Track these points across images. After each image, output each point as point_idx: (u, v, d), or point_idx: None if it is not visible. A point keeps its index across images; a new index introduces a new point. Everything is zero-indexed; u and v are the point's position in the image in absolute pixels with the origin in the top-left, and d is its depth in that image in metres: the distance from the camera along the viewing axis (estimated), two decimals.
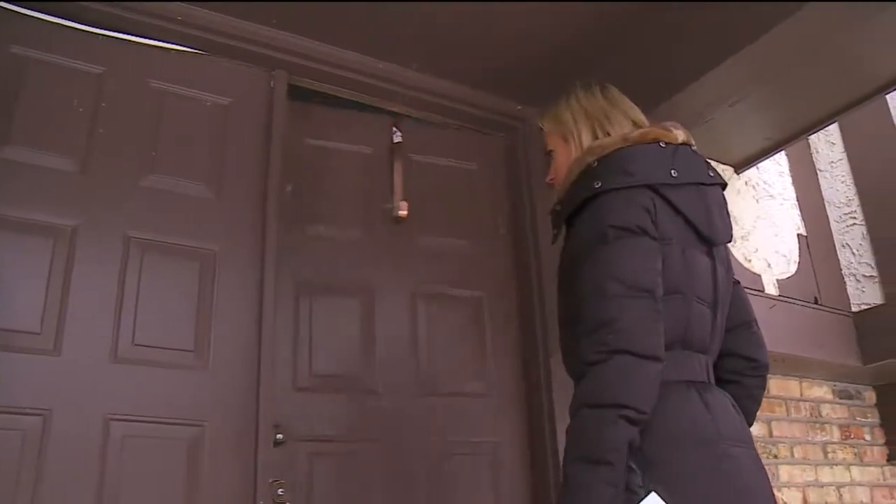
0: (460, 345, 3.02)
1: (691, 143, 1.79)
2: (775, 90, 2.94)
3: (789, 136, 3.31)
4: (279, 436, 2.48)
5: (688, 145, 1.77)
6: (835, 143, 4.09)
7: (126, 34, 2.60)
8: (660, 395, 1.47)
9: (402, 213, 3.01)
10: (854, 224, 3.90)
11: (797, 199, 3.80)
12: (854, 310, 3.71)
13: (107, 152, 2.42)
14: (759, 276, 3.36)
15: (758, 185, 3.61)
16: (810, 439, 3.62)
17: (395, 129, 3.18)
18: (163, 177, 2.49)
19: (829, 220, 3.94)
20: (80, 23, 2.52)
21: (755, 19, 2.47)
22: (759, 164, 3.54)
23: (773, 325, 3.23)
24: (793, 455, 3.51)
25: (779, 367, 3.48)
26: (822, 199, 3.98)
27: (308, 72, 2.91)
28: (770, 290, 3.37)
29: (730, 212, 3.25)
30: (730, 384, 1.75)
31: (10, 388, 2.04)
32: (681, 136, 1.76)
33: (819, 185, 4.01)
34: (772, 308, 3.29)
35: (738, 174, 3.51)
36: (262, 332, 2.45)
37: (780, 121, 3.23)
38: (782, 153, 3.70)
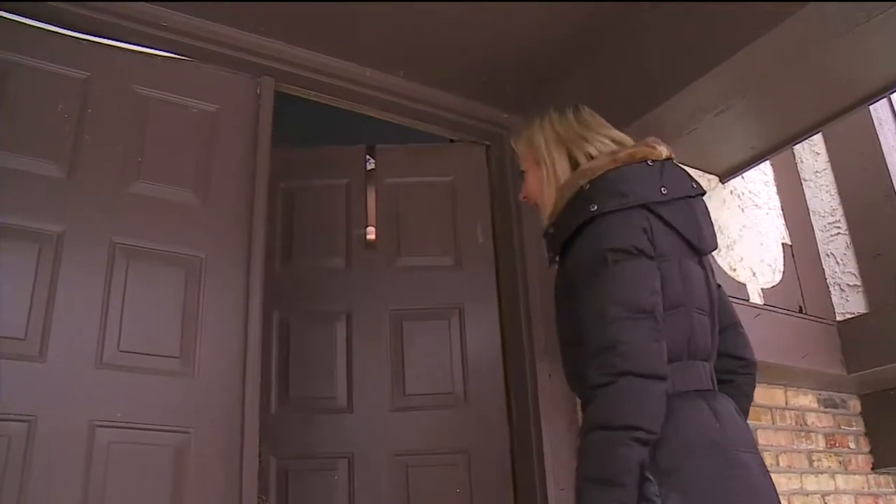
0: (440, 357, 3.05)
1: (672, 157, 1.83)
2: (760, 100, 2.95)
3: (774, 146, 3.33)
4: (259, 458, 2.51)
5: (670, 160, 1.81)
6: (819, 152, 4.12)
7: (112, 40, 2.59)
8: (670, 405, 1.52)
9: (371, 238, 3.15)
10: (838, 233, 3.92)
11: (782, 209, 3.82)
12: (838, 319, 3.73)
13: (92, 158, 2.41)
14: (744, 284, 3.37)
15: (743, 194, 3.63)
16: (795, 447, 3.63)
17: (368, 156, 3.30)
18: (149, 183, 2.48)
19: (813, 229, 3.96)
20: (65, 28, 2.51)
21: (739, 30, 2.49)
22: (744, 174, 3.56)
23: (757, 333, 3.22)
24: (778, 463, 3.52)
25: (764, 375, 3.49)
26: (807, 209, 4.00)
27: (295, 79, 2.92)
28: (755, 298, 3.39)
29: (714, 221, 3.29)
30: (724, 384, 1.79)
31: None
32: (664, 151, 1.80)
33: (804, 195, 4.03)
34: (756, 317, 3.30)
35: (723, 183, 3.52)
36: (248, 339, 2.44)
37: (765, 131, 3.25)
38: (767, 163, 3.72)
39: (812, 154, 4.12)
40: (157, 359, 2.32)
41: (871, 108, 3.60)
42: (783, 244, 3.70)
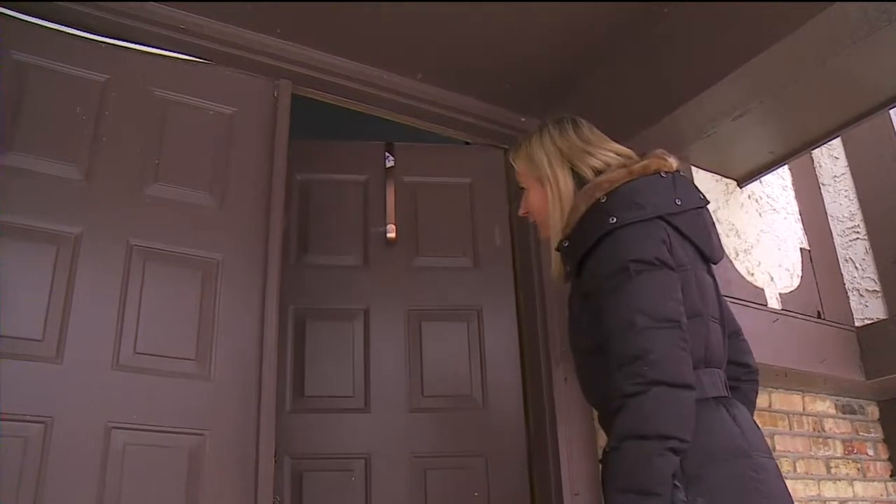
0: (458, 358, 3.04)
1: (680, 169, 1.84)
2: (778, 104, 2.94)
3: (792, 151, 3.31)
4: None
5: (679, 171, 1.83)
6: (838, 157, 4.09)
7: (130, 42, 2.61)
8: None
9: (391, 236, 3.10)
10: (857, 238, 3.90)
11: (800, 213, 3.80)
12: (857, 325, 3.70)
13: (110, 160, 2.42)
14: (762, 289, 3.35)
15: (761, 198, 3.60)
16: (813, 454, 3.60)
17: (387, 154, 3.25)
18: (166, 185, 2.49)
19: (832, 234, 3.93)
20: (83, 30, 2.53)
21: (757, 33, 2.48)
22: (762, 178, 3.54)
23: (775, 339, 3.23)
24: (796, 470, 3.49)
25: (781, 381, 3.47)
26: (826, 214, 3.97)
27: (312, 82, 2.92)
28: (773, 304, 3.36)
29: (732, 225, 3.28)
30: (730, 391, 1.79)
31: (12, 395, 2.04)
32: (674, 163, 1.82)
33: (822, 200, 4.00)
34: (774, 322, 3.28)
35: (741, 188, 3.51)
36: (265, 342, 2.45)
37: (784, 135, 3.23)
38: (785, 167, 3.70)
39: (831, 158, 4.09)
40: (173, 361, 2.32)
41: (891, 112, 3.57)
42: (801, 249, 3.67)
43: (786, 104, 2.94)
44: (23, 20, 2.43)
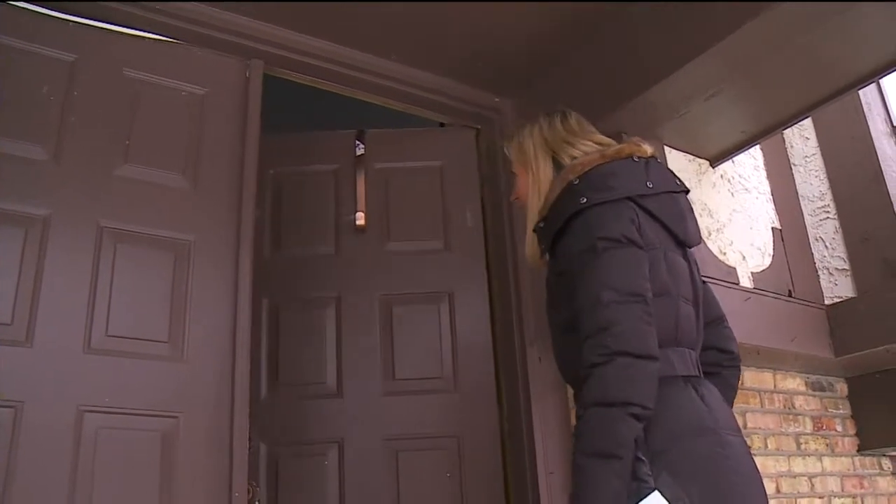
0: (430, 341, 3.06)
1: (656, 155, 1.93)
2: (750, 84, 2.95)
3: (764, 131, 3.33)
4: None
5: (654, 157, 1.91)
6: (809, 137, 4.12)
7: (99, 22, 2.56)
8: (660, 390, 1.59)
9: (360, 223, 3.14)
10: (827, 218, 3.93)
11: (772, 193, 3.82)
12: (827, 303, 3.74)
13: (80, 141, 2.39)
14: (734, 268, 3.37)
15: (733, 178, 3.62)
16: (784, 430, 3.65)
17: (358, 142, 3.27)
18: (137, 166, 2.46)
19: (802, 213, 3.96)
20: (52, 9, 2.48)
21: (729, 13, 2.48)
22: (734, 158, 3.56)
23: (747, 317, 3.25)
24: (766, 446, 3.54)
25: (753, 359, 3.50)
26: (797, 193, 4.00)
27: (284, 62, 2.90)
28: (745, 282, 3.39)
29: (705, 205, 3.29)
30: (710, 376, 1.86)
31: None
32: (649, 149, 1.91)
33: (793, 180, 4.03)
34: (746, 300, 3.31)
35: (713, 168, 3.52)
36: (238, 323, 2.43)
37: (756, 115, 3.24)
38: (757, 147, 3.72)
39: (802, 139, 4.12)
40: (145, 343, 2.30)
41: (860, 92, 3.59)
42: (773, 228, 3.71)
43: (757, 84, 2.95)
44: None
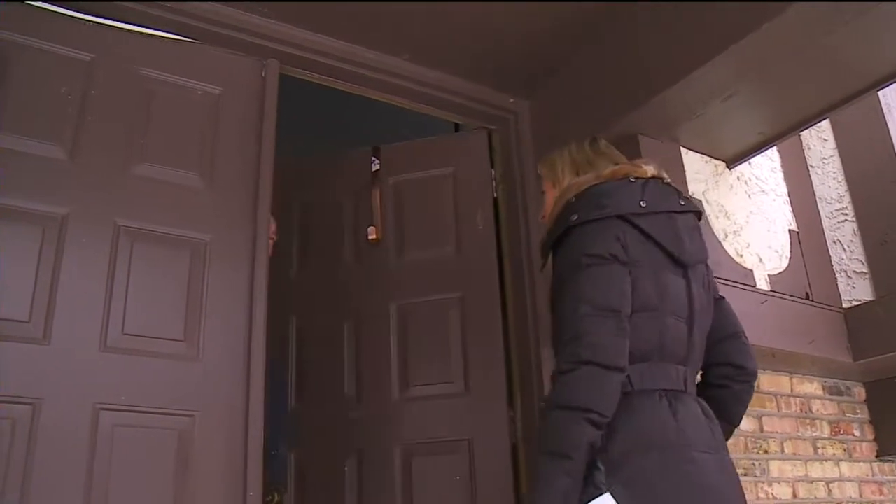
0: (440, 347, 3.09)
1: (663, 176, 1.99)
2: (768, 85, 2.93)
3: (782, 132, 3.30)
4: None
5: (658, 178, 1.96)
6: (827, 139, 4.09)
7: (116, 21, 2.58)
8: (630, 401, 1.70)
9: (373, 237, 3.26)
10: (845, 220, 3.90)
11: (789, 195, 3.79)
12: (845, 306, 3.70)
13: (96, 140, 2.40)
14: (751, 271, 3.35)
15: (750, 180, 3.60)
16: (800, 435, 3.62)
17: (373, 158, 3.38)
18: (153, 165, 2.48)
19: (820, 216, 3.93)
20: (69, 9, 2.50)
21: (748, 13, 2.47)
22: (751, 160, 3.54)
23: (763, 320, 3.23)
24: (783, 450, 3.51)
25: (769, 362, 3.48)
26: (814, 196, 3.97)
27: (300, 61, 2.91)
28: (762, 285, 3.37)
29: (721, 206, 3.27)
30: (720, 388, 1.96)
31: None
32: (651, 170, 1.96)
33: (811, 182, 4.00)
34: (763, 303, 3.28)
35: (730, 169, 3.50)
36: (253, 322, 2.44)
37: (773, 116, 3.22)
38: (774, 149, 3.70)
39: (820, 140, 4.09)
40: (161, 342, 2.32)
41: (879, 93, 3.55)
42: (790, 231, 3.68)
43: (775, 85, 2.93)
44: None
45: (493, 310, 3.12)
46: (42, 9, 2.46)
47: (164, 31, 2.66)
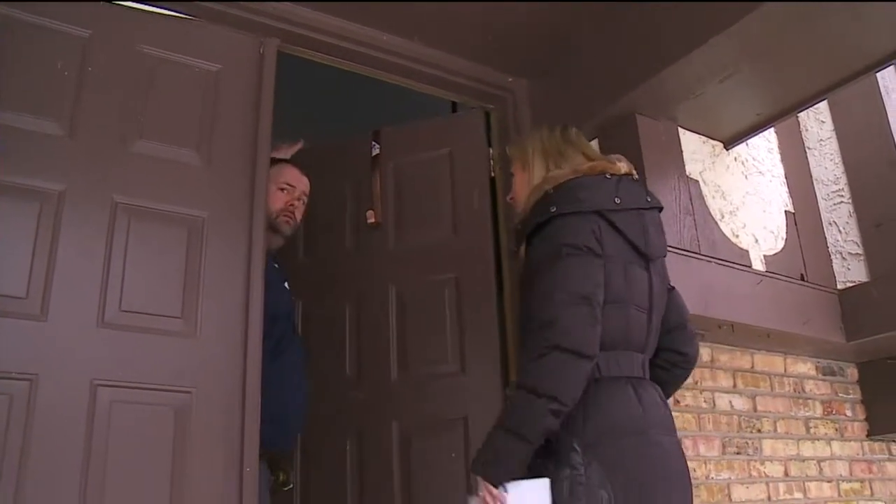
0: (437, 327, 3.12)
1: (633, 173, 2.09)
2: (766, 66, 2.93)
3: (779, 113, 3.30)
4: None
5: (629, 175, 2.06)
6: (824, 120, 4.09)
7: None
8: (601, 387, 1.80)
9: (372, 221, 3.31)
10: (841, 202, 3.91)
11: (785, 176, 3.80)
12: (839, 287, 3.72)
13: (94, 117, 2.39)
14: (747, 251, 3.36)
15: (747, 161, 3.60)
16: (793, 414, 3.65)
17: (373, 142, 3.41)
18: (151, 142, 2.47)
19: (816, 197, 3.94)
20: None
21: None
22: (748, 141, 3.54)
23: (758, 300, 3.25)
24: (776, 429, 3.54)
25: (764, 342, 3.50)
26: (811, 177, 3.98)
27: (299, 39, 2.90)
28: (757, 265, 3.38)
29: (718, 187, 3.27)
30: (662, 371, 2.07)
31: None
32: (623, 167, 2.06)
33: (808, 163, 4.00)
34: (758, 284, 3.30)
35: (727, 150, 3.50)
36: (251, 299, 2.44)
37: (771, 97, 3.22)
38: (771, 130, 3.70)
39: (817, 122, 4.09)
40: (158, 318, 2.32)
41: (877, 75, 3.56)
42: (786, 212, 3.69)
43: (773, 66, 2.93)
44: None
45: (488, 289, 3.13)
46: None
47: (162, 7, 2.65)
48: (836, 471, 3.72)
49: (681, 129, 3.30)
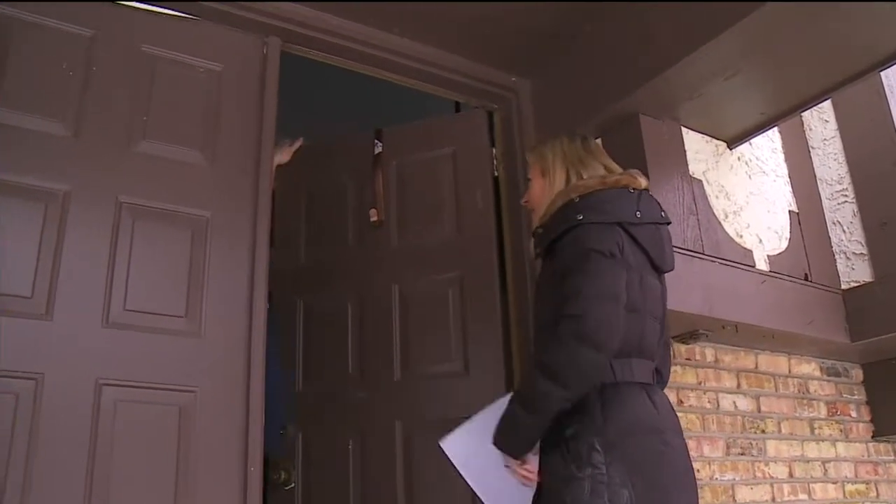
0: (441, 326, 3.11)
1: (649, 188, 2.15)
2: (769, 65, 2.93)
3: (783, 112, 3.30)
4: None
5: (647, 190, 2.13)
6: (828, 120, 4.08)
7: None
8: (618, 392, 1.88)
9: (374, 219, 3.30)
10: (845, 202, 3.90)
11: (789, 176, 3.79)
12: (844, 287, 3.71)
13: (98, 117, 2.40)
14: (751, 251, 3.35)
15: (750, 160, 3.60)
16: (798, 415, 3.65)
17: (376, 141, 3.40)
18: (155, 142, 2.48)
19: (820, 197, 3.93)
20: None
21: None
22: (752, 140, 3.53)
23: (762, 300, 3.24)
24: (780, 430, 3.54)
25: (768, 342, 3.50)
26: (814, 177, 3.97)
27: (301, 39, 2.91)
28: (761, 265, 3.37)
29: (722, 187, 3.27)
30: None
31: (2, 352, 2.04)
32: (643, 182, 2.13)
33: (811, 163, 4.00)
34: (762, 283, 3.29)
35: (731, 149, 3.50)
36: (254, 299, 2.45)
37: (774, 96, 3.22)
38: (775, 130, 3.69)
39: (821, 122, 4.08)
40: (163, 318, 2.33)
41: (881, 74, 3.55)
42: (790, 211, 3.68)
43: (777, 65, 2.93)
44: None
45: (492, 288, 3.13)
46: None
47: (165, 7, 2.65)
48: (841, 472, 3.71)
49: (684, 129, 3.29)
